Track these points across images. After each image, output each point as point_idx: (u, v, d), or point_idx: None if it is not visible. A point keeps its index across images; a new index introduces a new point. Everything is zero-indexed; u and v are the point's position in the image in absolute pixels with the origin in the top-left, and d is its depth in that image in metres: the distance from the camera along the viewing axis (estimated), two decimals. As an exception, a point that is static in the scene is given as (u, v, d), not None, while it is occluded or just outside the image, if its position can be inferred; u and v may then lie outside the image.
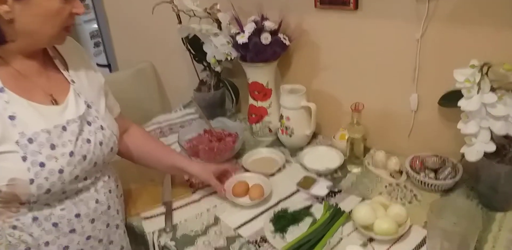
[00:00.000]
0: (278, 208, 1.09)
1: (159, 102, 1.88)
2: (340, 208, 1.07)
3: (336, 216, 1.04)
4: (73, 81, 0.92)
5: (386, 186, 1.18)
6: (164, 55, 1.82)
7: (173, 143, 1.43)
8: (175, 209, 1.13)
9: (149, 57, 1.87)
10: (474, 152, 0.96)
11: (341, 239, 0.98)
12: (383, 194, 1.14)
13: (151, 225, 1.09)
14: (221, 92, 1.56)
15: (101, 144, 0.91)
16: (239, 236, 1.03)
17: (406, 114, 1.25)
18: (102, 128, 0.93)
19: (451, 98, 1.09)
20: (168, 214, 1.10)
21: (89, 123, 0.90)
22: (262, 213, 1.10)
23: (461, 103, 0.95)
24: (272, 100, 1.41)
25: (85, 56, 1.01)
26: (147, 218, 1.11)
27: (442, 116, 1.19)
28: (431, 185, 1.11)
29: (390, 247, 0.96)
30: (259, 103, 1.40)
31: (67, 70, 0.94)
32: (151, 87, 1.85)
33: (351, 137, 1.23)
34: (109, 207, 0.96)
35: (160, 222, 1.09)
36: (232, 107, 1.64)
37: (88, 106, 0.92)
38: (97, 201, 0.93)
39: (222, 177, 1.19)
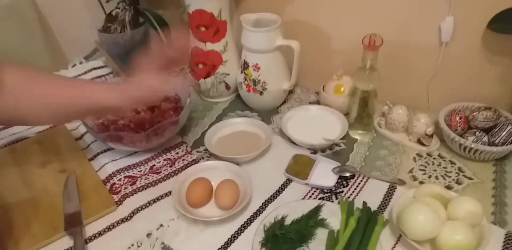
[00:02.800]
0: (269, 219, 0.66)
1: (47, 54, 1.23)
2: (372, 210, 0.66)
3: (369, 225, 0.63)
4: None
5: (414, 159, 0.79)
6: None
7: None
8: (90, 239, 0.64)
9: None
10: None
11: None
12: (415, 171, 0.76)
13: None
14: (143, 31, 1.00)
15: None
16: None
17: (432, 49, 0.82)
18: None
19: (508, 19, 0.69)
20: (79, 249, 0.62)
21: None
22: (242, 230, 0.65)
23: None
24: (228, 40, 0.89)
25: None
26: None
27: (486, 50, 0.79)
28: (482, 152, 0.74)
29: (461, 266, 0.59)
30: (209, 46, 0.88)
31: None
32: (32, 31, 1.19)
33: (361, 89, 0.79)
34: None
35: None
36: (163, 55, 1.10)
37: None
38: None
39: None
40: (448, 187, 0.71)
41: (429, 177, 0.74)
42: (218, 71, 0.91)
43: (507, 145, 0.73)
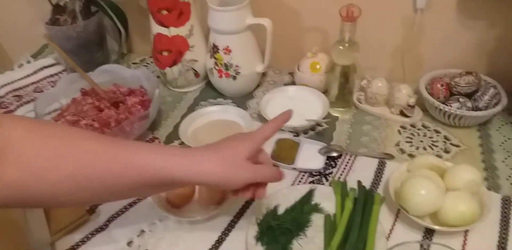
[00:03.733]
0: (261, 210, 0.61)
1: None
2: (368, 189, 0.62)
3: (367, 204, 0.59)
4: None
5: (399, 131, 0.76)
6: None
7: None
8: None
9: None
10: None
11: (387, 239, 0.56)
12: (402, 144, 0.73)
13: None
14: (96, 22, 0.90)
15: None
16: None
17: (408, 17, 0.78)
18: None
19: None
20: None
21: None
22: (232, 226, 0.60)
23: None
24: (194, 23, 0.81)
25: None
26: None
27: (461, 15, 0.75)
28: (467, 119, 0.72)
29: (466, 234, 0.57)
30: (173, 31, 0.80)
31: None
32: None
33: (340, 64, 0.74)
34: None
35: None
36: (121, 46, 1.00)
37: None
38: None
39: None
40: (437, 157, 0.68)
41: (417, 148, 0.71)
42: (185, 58, 0.83)
43: (490, 108, 0.71)
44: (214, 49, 0.80)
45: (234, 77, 0.82)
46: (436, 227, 0.54)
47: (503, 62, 0.78)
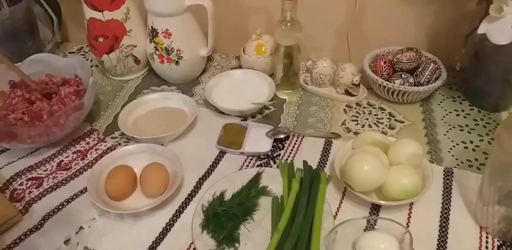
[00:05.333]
0: (207, 198, 0.58)
1: None
2: (314, 169, 0.60)
3: (313, 184, 0.58)
4: None
5: (345, 111, 0.75)
6: None
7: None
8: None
9: None
10: (506, 27, 0.56)
11: (334, 217, 0.55)
12: (348, 123, 0.72)
13: None
14: (24, 8, 0.82)
15: None
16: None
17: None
18: None
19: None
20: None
21: None
22: (177, 216, 0.56)
23: None
24: (129, 5, 0.75)
25: None
26: None
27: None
28: (410, 94, 0.72)
29: (411, 207, 0.57)
30: (107, 15, 0.74)
31: None
32: None
33: (284, 44, 0.72)
34: None
35: None
36: (55, 35, 0.93)
37: None
38: None
39: None
40: (383, 133, 0.68)
41: (362, 126, 0.70)
42: (123, 43, 0.78)
43: (431, 83, 0.71)
44: (153, 33, 0.75)
45: (177, 62, 0.77)
46: (381, 202, 0.53)
47: (441, 38, 0.79)
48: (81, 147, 0.67)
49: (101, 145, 0.67)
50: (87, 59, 0.90)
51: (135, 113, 0.71)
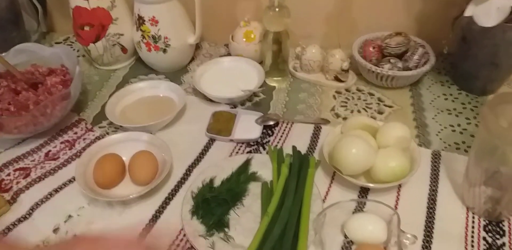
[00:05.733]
0: (197, 184, 0.57)
1: None
2: (303, 154, 0.60)
3: (302, 168, 0.58)
4: None
5: (334, 97, 0.75)
6: None
7: None
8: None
9: None
10: (492, 10, 0.56)
11: (323, 201, 0.55)
12: (337, 109, 0.72)
13: None
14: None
15: None
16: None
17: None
18: None
19: None
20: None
21: None
22: (167, 203, 0.56)
23: None
24: (112, -8, 0.75)
25: None
26: None
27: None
28: (398, 79, 0.71)
29: (399, 190, 0.57)
30: (93, 3, 0.73)
31: None
32: None
33: (272, 31, 0.71)
34: None
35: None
36: (40, 24, 0.91)
37: None
38: None
39: None
40: (371, 118, 0.68)
41: (351, 111, 0.70)
42: (109, 32, 0.76)
43: (420, 67, 0.71)
44: (140, 21, 0.74)
45: (164, 50, 0.76)
46: (369, 185, 0.54)
47: (430, 22, 0.78)
48: (69, 136, 0.66)
49: (89, 135, 0.66)
50: (74, 50, 0.88)
51: (123, 102, 0.70)
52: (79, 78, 0.67)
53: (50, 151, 0.64)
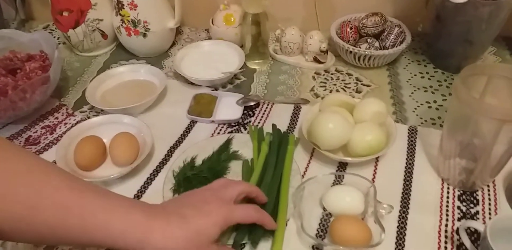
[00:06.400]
0: (178, 164, 0.57)
1: None
2: (283, 132, 0.61)
3: (281, 146, 0.58)
4: None
5: (314, 77, 0.75)
6: None
7: None
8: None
9: None
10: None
11: (302, 176, 0.55)
12: (316, 89, 0.72)
13: None
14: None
15: None
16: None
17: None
18: None
19: None
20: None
21: None
22: (149, 183, 0.56)
23: None
24: (88, -24, 0.73)
25: None
26: None
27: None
28: (375, 58, 0.72)
29: (376, 164, 0.58)
30: (67, -13, 0.72)
31: None
32: None
33: (251, 12, 0.70)
34: None
35: None
36: (18, 12, 0.89)
37: None
38: None
39: None
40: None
41: (330, 91, 0.70)
42: (89, 17, 0.75)
43: (396, 46, 0.71)
44: (119, 5, 0.72)
45: (145, 35, 0.75)
46: (347, 159, 0.54)
47: (405, 2, 0.78)
48: (50, 121, 0.65)
49: (70, 119, 0.65)
50: (54, 37, 0.86)
51: (103, 86, 0.69)
52: (58, 62, 0.66)
53: (30, 136, 0.63)
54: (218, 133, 0.63)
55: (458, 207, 0.52)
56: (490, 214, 0.51)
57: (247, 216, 0.43)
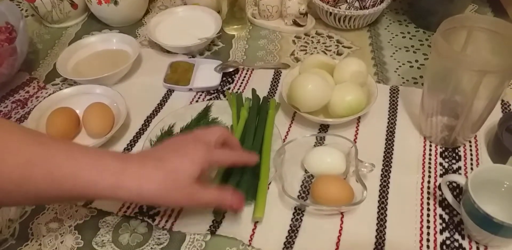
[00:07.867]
0: (155, 133, 0.54)
1: None
2: (263, 97, 0.57)
3: (261, 111, 0.55)
4: None
5: (294, 41, 0.70)
6: None
7: None
8: None
9: None
10: None
11: (283, 140, 0.52)
12: (296, 53, 0.68)
13: None
14: None
15: None
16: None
17: None
18: None
19: None
20: None
21: None
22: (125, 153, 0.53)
23: None
24: None
25: None
26: None
27: None
28: (356, 19, 0.68)
29: (358, 125, 0.55)
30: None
31: None
32: None
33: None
34: None
35: None
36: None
37: None
38: None
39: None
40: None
41: (311, 54, 0.67)
42: (54, -14, 0.69)
43: (376, 6, 0.67)
44: (84, -28, 0.67)
45: (116, 2, 0.69)
46: (327, 120, 0.51)
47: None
48: (20, 96, 0.61)
49: (41, 93, 0.61)
50: (21, 9, 0.80)
51: (75, 57, 0.64)
52: (24, 33, 0.61)
53: (1, 111, 0.59)
54: (197, 101, 0.60)
55: (441, 164, 0.50)
56: (472, 169, 0.49)
57: (227, 155, 0.41)
